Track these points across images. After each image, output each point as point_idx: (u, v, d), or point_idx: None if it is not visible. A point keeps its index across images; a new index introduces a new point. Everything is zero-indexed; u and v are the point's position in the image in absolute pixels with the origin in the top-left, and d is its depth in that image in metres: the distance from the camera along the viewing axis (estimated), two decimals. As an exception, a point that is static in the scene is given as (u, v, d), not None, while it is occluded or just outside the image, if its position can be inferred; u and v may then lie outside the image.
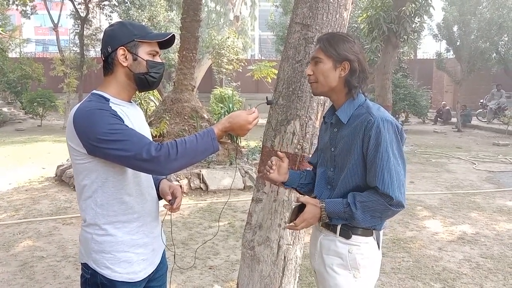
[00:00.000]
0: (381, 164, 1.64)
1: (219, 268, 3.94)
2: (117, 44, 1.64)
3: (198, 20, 8.39)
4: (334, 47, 1.74)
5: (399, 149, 1.69)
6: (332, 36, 1.79)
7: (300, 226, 1.78)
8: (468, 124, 16.92)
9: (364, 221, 1.70)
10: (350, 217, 1.70)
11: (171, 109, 7.99)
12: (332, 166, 1.83)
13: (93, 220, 1.64)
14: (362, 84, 1.79)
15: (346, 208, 1.70)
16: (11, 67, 18.33)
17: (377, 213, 1.68)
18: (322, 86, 1.79)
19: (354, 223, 1.72)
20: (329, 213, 1.74)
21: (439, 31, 17.22)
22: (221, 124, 1.67)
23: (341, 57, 1.74)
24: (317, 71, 1.78)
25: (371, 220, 1.70)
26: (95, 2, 18.94)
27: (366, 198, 1.68)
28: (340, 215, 1.72)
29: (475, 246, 4.52)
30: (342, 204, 1.71)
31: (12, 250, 4.33)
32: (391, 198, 1.64)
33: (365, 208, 1.68)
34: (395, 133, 1.68)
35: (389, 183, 1.63)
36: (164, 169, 1.55)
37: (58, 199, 6.19)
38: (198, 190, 6.62)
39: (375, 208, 1.67)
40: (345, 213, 1.71)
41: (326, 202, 1.75)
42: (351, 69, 1.74)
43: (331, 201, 1.76)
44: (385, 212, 1.68)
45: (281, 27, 20.68)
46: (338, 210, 1.72)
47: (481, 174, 8.25)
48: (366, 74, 1.79)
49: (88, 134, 1.53)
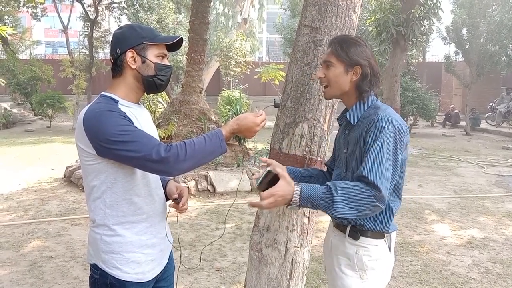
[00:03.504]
0: (373, 155, 1.60)
1: (226, 270, 3.94)
2: (126, 47, 1.66)
3: (206, 23, 8.42)
4: (346, 51, 1.73)
5: (395, 151, 1.63)
6: (344, 40, 1.78)
7: (266, 201, 1.55)
8: (477, 128, 16.79)
9: (343, 210, 1.54)
10: (327, 204, 1.55)
11: (179, 111, 8.02)
12: (345, 168, 1.83)
13: (102, 221, 1.65)
14: (373, 88, 1.78)
15: (326, 193, 1.55)
16: (21, 68, 18.51)
17: (356, 204, 1.54)
18: (334, 89, 1.80)
19: (331, 212, 1.56)
20: (304, 197, 1.56)
21: (448, 34, 17.11)
22: (229, 126, 1.69)
23: (353, 61, 1.73)
24: (328, 74, 1.78)
25: (349, 211, 1.54)
26: (104, 5, 19.11)
27: (349, 186, 1.57)
28: (317, 201, 1.56)
29: (484, 251, 4.48)
30: (321, 189, 1.57)
31: (21, 250, 4.37)
32: (378, 189, 1.54)
33: (345, 196, 1.54)
34: (395, 135, 1.64)
35: (378, 174, 1.56)
36: (173, 170, 1.56)
37: (67, 200, 6.23)
38: (206, 192, 6.63)
39: (356, 197, 1.54)
40: (322, 199, 1.55)
41: (302, 185, 1.59)
42: (362, 74, 1.74)
43: (309, 185, 1.61)
44: (365, 203, 1.54)
45: (289, 29, 20.70)
46: (315, 195, 1.56)
47: (490, 178, 8.18)
48: (378, 78, 1.78)
49: (97, 135, 1.54)
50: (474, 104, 17.79)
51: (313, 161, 2.34)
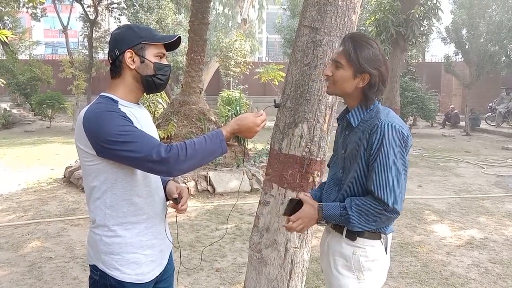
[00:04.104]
0: (379, 168, 1.63)
1: (226, 271, 3.94)
2: (125, 47, 1.66)
3: (206, 23, 8.42)
4: (358, 55, 1.69)
5: (402, 156, 1.66)
6: (358, 41, 1.72)
7: (296, 224, 1.76)
8: (477, 128, 16.78)
9: (360, 225, 1.67)
10: (346, 220, 1.68)
11: (178, 112, 8.02)
12: (342, 168, 1.83)
13: (103, 222, 1.65)
14: (378, 96, 1.76)
15: (343, 211, 1.69)
16: (21, 69, 18.49)
17: (372, 217, 1.66)
18: (338, 89, 1.79)
19: (350, 227, 1.70)
20: (327, 216, 1.73)
21: (448, 34, 17.10)
22: (229, 126, 1.69)
23: (362, 68, 1.70)
24: (336, 74, 1.75)
25: (366, 224, 1.67)
26: (104, 5, 19.11)
27: (362, 202, 1.67)
28: (337, 218, 1.71)
29: (483, 251, 4.48)
30: (339, 207, 1.70)
31: (21, 250, 4.37)
32: (385, 203, 1.62)
33: (360, 212, 1.66)
34: (400, 140, 1.65)
35: (385, 189, 1.62)
36: (174, 170, 1.56)
37: (67, 200, 6.23)
38: (205, 192, 6.63)
39: (369, 212, 1.65)
40: (341, 216, 1.69)
41: (324, 205, 1.75)
42: (370, 82, 1.71)
43: (329, 204, 1.76)
44: (379, 216, 1.65)
45: (288, 30, 20.69)
46: (335, 213, 1.71)
47: (490, 178, 8.18)
48: (385, 85, 1.75)
49: (97, 135, 1.54)
50: (473, 104, 17.77)
51: (313, 161, 2.34)
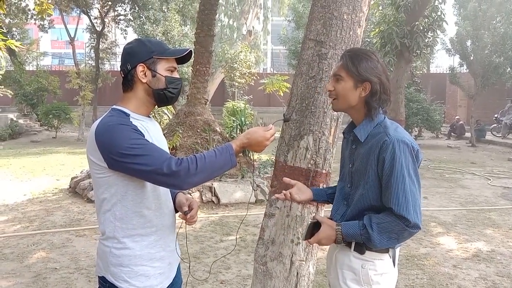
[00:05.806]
0: (396, 185, 1.63)
1: (231, 283, 3.92)
2: (136, 61, 1.68)
3: (212, 35, 8.49)
4: (357, 66, 1.72)
5: (415, 170, 1.67)
6: (356, 54, 1.76)
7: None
8: (482, 139, 16.72)
9: (381, 243, 1.67)
10: (367, 239, 1.67)
11: (184, 122, 8.05)
12: (349, 182, 1.83)
13: (112, 233, 1.66)
14: (382, 105, 1.77)
15: (363, 230, 1.67)
16: (28, 79, 18.71)
17: (394, 235, 1.65)
18: (342, 103, 1.80)
19: (371, 245, 1.69)
20: (346, 235, 1.71)
21: (452, 45, 17.16)
22: (239, 140, 1.70)
23: (362, 77, 1.72)
24: (337, 88, 1.78)
25: (388, 241, 1.67)
26: (111, 17, 19.34)
27: (382, 220, 1.66)
28: (357, 238, 1.70)
29: (490, 264, 4.44)
30: (359, 226, 1.69)
31: (26, 261, 4.37)
32: (406, 219, 1.62)
33: (381, 230, 1.65)
34: (411, 155, 1.66)
35: (405, 205, 1.62)
36: (184, 183, 1.57)
37: (72, 211, 6.24)
38: (210, 203, 6.63)
39: (391, 229, 1.65)
40: (361, 236, 1.68)
41: (342, 225, 1.73)
42: (371, 91, 1.73)
43: (348, 223, 1.74)
44: (401, 233, 1.65)
45: (293, 41, 20.83)
46: (354, 233, 1.70)
47: (496, 190, 8.13)
48: (388, 95, 1.76)
49: (109, 148, 1.56)
50: (479, 115, 17.74)
51: (318, 173, 2.34)
